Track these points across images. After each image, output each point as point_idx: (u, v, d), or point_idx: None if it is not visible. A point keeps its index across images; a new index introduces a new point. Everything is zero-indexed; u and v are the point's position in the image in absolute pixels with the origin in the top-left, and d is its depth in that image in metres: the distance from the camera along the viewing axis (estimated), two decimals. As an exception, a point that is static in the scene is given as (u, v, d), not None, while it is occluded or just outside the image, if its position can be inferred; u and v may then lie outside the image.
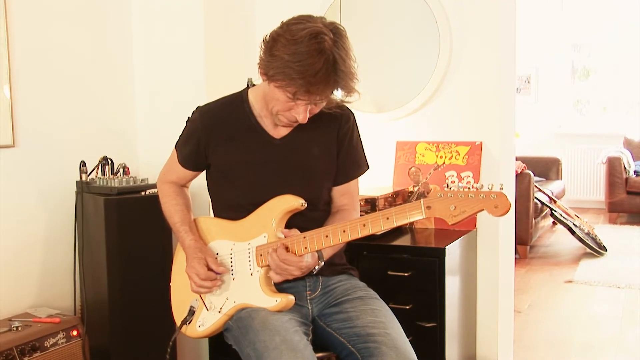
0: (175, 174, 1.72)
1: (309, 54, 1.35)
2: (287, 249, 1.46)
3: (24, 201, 2.12)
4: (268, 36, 1.44)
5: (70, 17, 2.26)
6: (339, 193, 1.67)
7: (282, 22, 1.43)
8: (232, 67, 2.47)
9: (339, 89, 1.42)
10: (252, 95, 1.63)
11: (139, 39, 2.48)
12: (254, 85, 1.68)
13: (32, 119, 2.14)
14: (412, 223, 2.26)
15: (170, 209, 1.69)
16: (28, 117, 2.12)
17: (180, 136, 1.69)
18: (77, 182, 2.18)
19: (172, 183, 1.73)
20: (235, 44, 2.54)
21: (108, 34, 2.41)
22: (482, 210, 1.32)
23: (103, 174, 2.20)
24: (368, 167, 1.72)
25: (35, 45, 2.14)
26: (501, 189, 1.32)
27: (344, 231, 1.44)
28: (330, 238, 1.45)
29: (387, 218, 1.41)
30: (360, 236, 1.43)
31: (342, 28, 1.43)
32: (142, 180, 2.17)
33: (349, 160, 1.67)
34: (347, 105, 1.62)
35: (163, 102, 2.45)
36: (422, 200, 1.38)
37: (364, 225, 1.42)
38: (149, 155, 2.49)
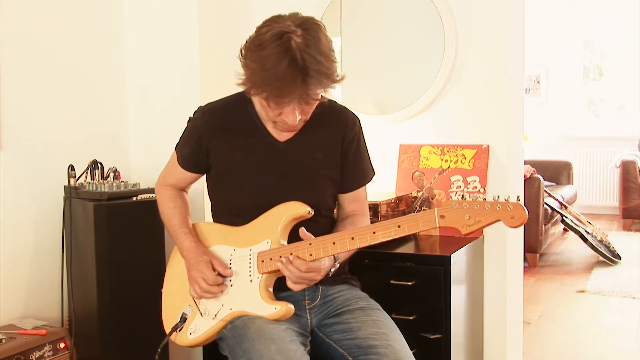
0: (175, 177, 1.74)
1: (274, 58, 1.37)
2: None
3: (9, 207, 2.13)
4: (243, 45, 1.47)
5: (59, 17, 2.27)
6: (349, 200, 1.70)
7: (256, 27, 1.46)
8: (228, 67, 2.47)
9: (310, 87, 1.41)
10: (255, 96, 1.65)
11: (131, 39, 2.49)
12: None
13: (18, 121, 2.15)
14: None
15: (169, 211, 1.70)
16: (14, 119, 2.13)
17: (180, 137, 1.71)
18: (65, 186, 2.19)
19: (170, 186, 1.75)
20: (232, 44, 2.54)
21: (98, 33, 2.42)
22: (498, 220, 1.35)
23: (92, 178, 2.21)
24: (374, 173, 1.76)
25: (22, 46, 2.15)
26: (518, 200, 1.35)
27: (353, 238, 1.46)
28: (337, 245, 1.46)
29: (399, 226, 1.43)
30: (369, 244, 1.45)
31: (316, 23, 1.44)
32: (134, 185, 2.18)
33: (357, 168, 1.70)
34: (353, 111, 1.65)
35: (156, 104, 2.46)
36: (435, 209, 1.40)
37: (374, 232, 1.45)
38: (141, 159, 2.50)
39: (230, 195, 1.64)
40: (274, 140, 1.61)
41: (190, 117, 1.70)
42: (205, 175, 1.72)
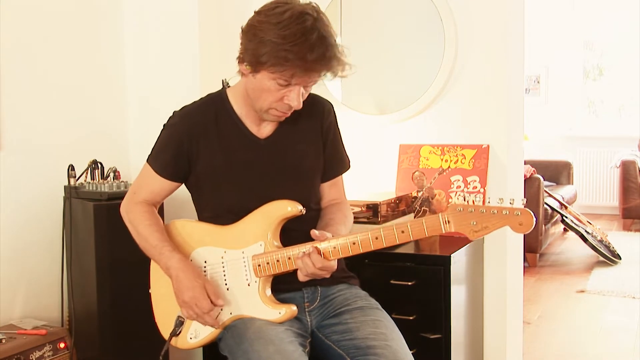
0: (149, 190, 1.63)
1: (300, 33, 1.39)
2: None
3: (9, 207, 2.13)
4: (246, 26, 1.47)
5: (59, 17, 2.27)
6: (327, 186, 1.70)
7: (255, 11, 1.47)
8: (227, 67, 2.47)
9: (335, 64, 1.45)
10: (231, 95, 1.63)
11: (131, 39, 2.49)
12: (229, 86, 1.68)
13: (19, 122, 2.15)
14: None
15: (145, 230, 1.58)
16: (14, 119, 2.13)
17: (153, 148, 1.63)
18: (65, 186, 2.19)
19: (140, 203, 1.63)
20: (231, 44, 2.55)
21: (98, 33, 2.42)
22: (505, 226, 1.34)
23: (92, 178, 2.21)
24: (349, 161, 1.76)
25: (21, 45, 2.15)
26: (524, 204, 1.34)
27: (354, 243, 1.45)
28: (338, 250, 1.45)
29: (402, 231, 1.42)
30: (372, 249, 1.45)
31: (317, 6, 1.48)
32: (133, 185, 2.18)
33: (335, 155, 1.70)
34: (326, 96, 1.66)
35: (156, 103, 2.46)
36: (440, 214, 1.39)
37: (377, 238, 1.44)
38: (141, 158, 2.46)
39: (216, 199, 1.60)
40: (255, 138, 1.60)
41: (164, 125, 1.63)
42: (182, 184, 1.65)
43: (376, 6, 2.52)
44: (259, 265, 1.51)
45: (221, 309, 1.55)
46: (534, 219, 1.33)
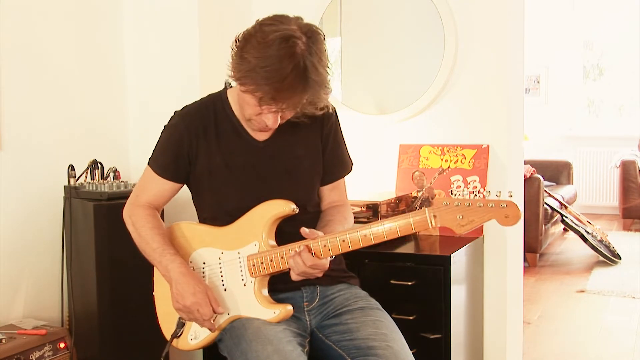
0: (151, 192, 1.63)
1: (278, 59, 1.34)
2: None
3: (9, 207, 2.13)
4: (240, 35, 1.44)
5: (58, 16, 2.27)
6: (328, 189, 1.70)
7: (256, 20, 1.43)
8: (227, 67, 2.48)
9: (308, 96, 1.41)
10: (231, 97, 1.62)
11: (131, 39, 2.49)
12: (230, 86, 1.67)
13: (19, 121, 2.15)
14: (416, 230, 2.26)
15: (147, 233, 1.57)
16: (14, 119, 2.13)
17: (154, 149, 1.63)
18: (65, 186, 2.19)
19: (143, 207, 1.62)
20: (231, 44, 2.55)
21: (98, 33, 2.42)
22: (492, 219, 1.34)
23: (92, 178, 2.21)
24: (352, 164, 1.75)
25: (21, 45, 2.15)
26: (510, 196, 1.33)
27: (344, 241, 1.45)
28: (329, 247, 1.45)
29: (390, 228, 1.42)
30: (361, 246, 1.45)
31: (319, 32, 1.42)
32: (134, 184, 2.17)
33: (336, 159, 1.69)
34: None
35: (156, 103, 2.46)
36: (426, 209, 1.39)
37: (365, 235, 1.44)
38: (141, 158, 2.48)
39: (215, 200, 1.60)
40: (253, 141, 1.59)
41: (165, 125, 1.63)
42: (183, 185, 1.66)
43: (376, 6, 2.52)
44: (254, 265, 1.51)
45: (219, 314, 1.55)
46: (520, 211, 1.32)
